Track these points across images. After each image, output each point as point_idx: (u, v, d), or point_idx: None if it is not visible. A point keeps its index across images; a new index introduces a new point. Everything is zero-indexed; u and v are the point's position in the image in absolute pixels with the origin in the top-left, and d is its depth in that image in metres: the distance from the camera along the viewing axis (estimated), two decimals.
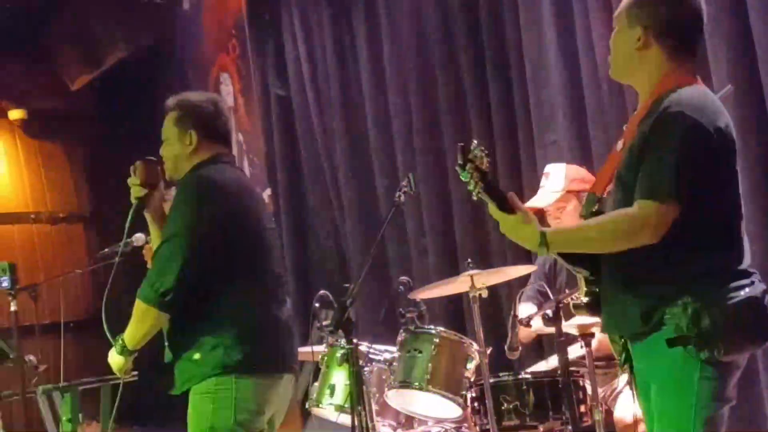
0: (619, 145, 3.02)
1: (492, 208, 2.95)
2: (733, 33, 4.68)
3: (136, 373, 3.87)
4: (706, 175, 2.85)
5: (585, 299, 3.04)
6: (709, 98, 2.96)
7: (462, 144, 2.91)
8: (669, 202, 2.80)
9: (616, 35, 3.07)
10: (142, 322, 3.65)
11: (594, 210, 3.04)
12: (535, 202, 4.82)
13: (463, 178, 2.91)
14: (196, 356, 3.62)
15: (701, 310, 2.79)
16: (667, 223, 2.81)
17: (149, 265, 3.79)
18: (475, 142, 2.94)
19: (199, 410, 3.63)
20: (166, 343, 3.73)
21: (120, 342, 3.72)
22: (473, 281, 4.53)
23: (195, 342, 3.64)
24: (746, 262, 2.90)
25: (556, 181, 4.80)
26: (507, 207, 2.93)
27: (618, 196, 2.96)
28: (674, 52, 3.00)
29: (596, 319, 3.26)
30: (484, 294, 4.58)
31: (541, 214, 4.78)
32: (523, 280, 4.95)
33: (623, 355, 3.06)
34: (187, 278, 3.58)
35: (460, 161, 2.89)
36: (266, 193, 7.63)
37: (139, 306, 3.63)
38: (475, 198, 2.95)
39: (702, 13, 3.06)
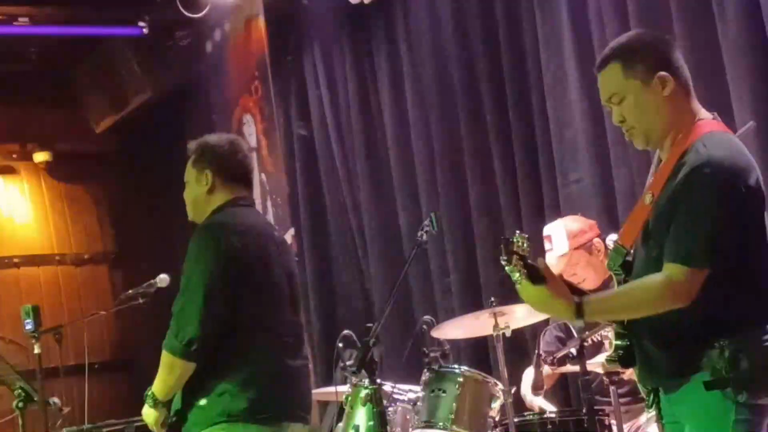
0: (648, 198, 2.99)
1: (522, 288, 2.91)
2: (754, 68, 4.68)
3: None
4: (738, 236, 2.83)
5: (618, 352, 3.01)
6: (739, 150, 2.92)
7: (505, 238, 2.89)
8: (700, 266, 2.79)
9: (633, 99, 2.98)
10: (171, 373, 3.67)
11: (623, 262, 3.03)
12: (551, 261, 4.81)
13: (507, 271, 2.89)
14: (203, 402, 3.65)
15: (738, 353, 2.78)
16: (698, 287, 2.80)
17: None
18: (518, 233, 2.91)
19: None
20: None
21: (151, 395, 3.73)
22: (496, 319, 4.52)
23: (203, 389, 3.66)
24: None
25: (560, 244, 4.80)
26: (540, 278, 2.90)
27: (650, 252, 2.94)
28: (685, 92, 2.99)
29: None
30: (508, 333, 4.57)
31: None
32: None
33: (651, 396, 3.04)
34: (209, 327, 3.60)
35: (504, 256, 2.87)
36: (290, 234, 7.63)
37: (165, 357, 3.65)
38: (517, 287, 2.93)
39: None
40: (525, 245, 2.88)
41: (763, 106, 4.63)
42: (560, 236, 4.82)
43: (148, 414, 3.77)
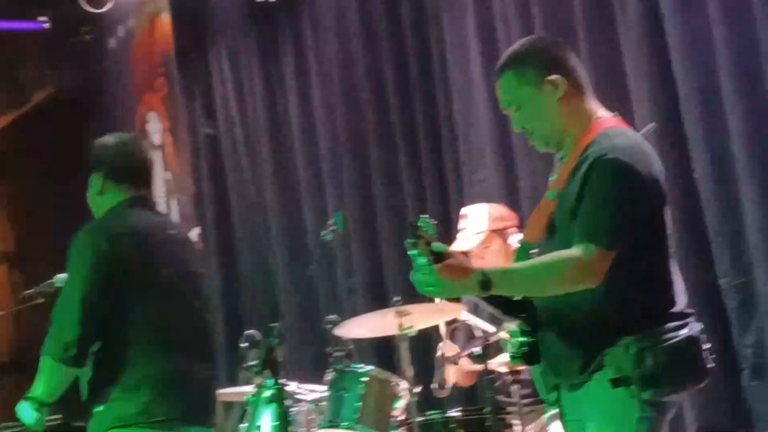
0: (551, 194, 3.02)
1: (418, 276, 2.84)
2: (655, 72, 4.76)
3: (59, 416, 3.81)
4: (642, 222, 2.88)
5: (522, 350, 3.00)
6: (641, 142, 2.99)
7: (410, 221, 2.87)
8: (606, 248, 2.82)
9: (528, 104, 3.02)
10: (51, 378, 3.61)
11: (528, 259, 3.04)
12: (458, 246, 4.82)
13: (412, 255, 2.85)
14: (99, 409, 3.60)
15: (643, 350, 2.81)
16: (605, 268, 2.82)
17: None
18: (423, 216, 2.89)
19: None
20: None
21: (34, 398, 3.65)
22: (401, 319, 4.52)
23: (99, 395, 3.62)
24: (682, 301, 2.93)
25: (479, 222, 4.81)
26: (441, 259, 2.84)
27: (554, 246, 2.96)
28: (580, 92, 3.04)
29: None
30: (413, 332, 4.57)
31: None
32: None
33: (553, 394, 3.06)
34: (87, 331, 3.55)
35: (411, 239, 2.84)
36: (195, 232, 7.56)
37: (44, 362, 3.59)
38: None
39: None
40: (431, 230, 2.88)
41: (663, 109, 4.72)
42: (480, 215, 4.84)
43: (28, 415, 3.69)
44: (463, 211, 4.99)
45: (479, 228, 4.80)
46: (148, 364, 3.62)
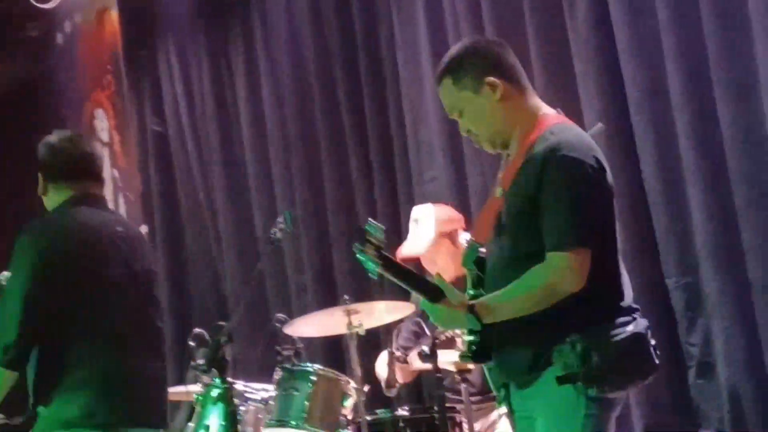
0: (498, 192, 3.03)
1: (424, 303, 2.95)
2: (604, 73, 4.79)
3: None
4: (598, 215, 2.90)
5: (471, 348, 2.99)
6: (586, 137, 3.01)
7: (358, 227, 2.90)
8: (578, 248, 2.84)
9: (469, 108, 3.05)
10: None
11: (476, 258, 3.05)
12: (408, 249, 4.83)
13: (361, 260, 2.89)
14: (43, 412, 3.56)
15: (589, 347, 2.83)
16: (584, 268, 2.84)
17: None
18: (371, 220, 2.92)
19: None
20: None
21: None
22: (350, 317, 4.51)
23: (43, 397, 3.57)
24: (629, 298, 2.95)
25: (427, 226, 4.82)
26: (432, 295, 2.93)
27: (502, 244, 2.98)
28: (520, 90, 3.05)
29: None
30: (362, 331, 4.56)
31: (416, 260, 4.80)
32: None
33: (502, 391, 3.07)
34: (27, 333, 3.50)
35: (359, 245, 2.86)
36: (143, 230, 7.51)
37: None
38: (374, 276, 2.95)
39: None
40: (380, 234, 2.89)
41: (612, 110, 4.75)
42: (429, 219, 4.84)
43: None
44: (413, 213, 4.99)
45: (428, 233, 4.81)
46: (93, 364, 3.57)
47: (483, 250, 3.04)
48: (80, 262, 3.63)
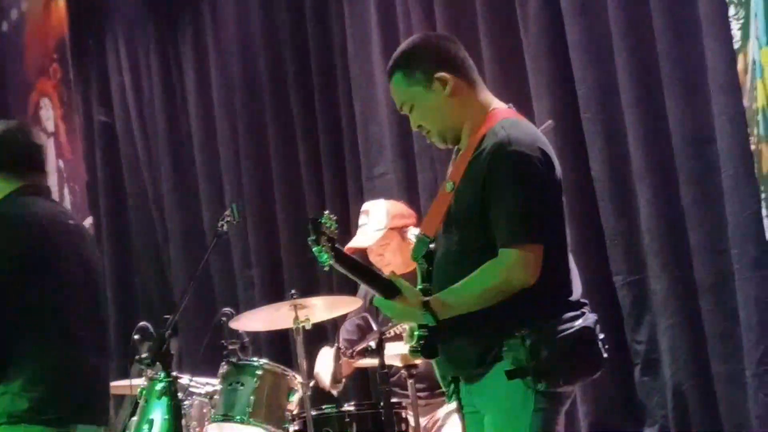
0: (448, 186, 3.02)
1: (378, 300, 2.95)
2: (554, 71, 4.81)
3: None
4: (547, 210, 2.90)
5: (420, 343, 2.96)
6: (536, 131, 3.01)
7: (312, 218, 2.88)
8: (529, 243, 2.84)
9: (420, 103, 3.03)
10: None
11: (426, 252, 3.03)
12: (358, 242, 4.81)
13: (315, 253, 2.87)
14: None
15: (538, 342, 2.82)
16: (536, 263, 2.85)
17: None
18: (326, 212, 2.91)
19: None
20: None
21: None
22: (297, 312, 4.49)
23: None
24: (578, 292, 2.96)
25: (378, 220, 4.80)
26: (387, 290, 2.92)
27: (452, 238, 2.97)
28: (470, 85, 3.04)
29: None
30: (308, 326, 4.54)
31: (363, 253, 4.79)
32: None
33: (451, 386, 3.07)
34: None
35: (313, 236, 2.84)
36: (87, 222, 7.42)
37: None
38: (326, 269, 2.94)
39: None
40: (333, 226, 2.88)
41: (561, 107, 4.77)
42: (380, 213, 4.82)
43: None
44: (364, 206, 4.97)
45: (378, 225, 4.79)
46: (42, 358, 3.52)
47: (432, 246, 3.03)
48: (34, 254, 3.57)
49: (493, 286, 2.87)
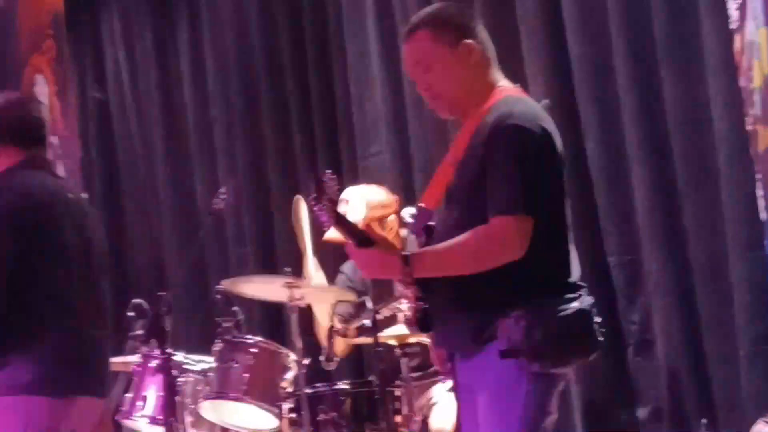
0: (449, 159, 3.01)
1: (350, 248, 2.92)
2: (550, 49, 4.80)
3: None
4: (544, 189, 2.88)
5: (417, 316, 2.93)
6: (539, 109, 3.00)
7: (315, 175, 2.86)
8: (522, 214, 2.81)
9: (440, 66, 3.00)
10: None
11: (426, 225, 3.01)
12: (335, 233, 4.76)
13: (315, 211, 2.86)
14: None
15: (534, 322, 2.81)
16: (526, 235, 2.81)
17: None
18: (328, 172, 2.89)
19: None
20: None
21: None
22: (292, 291, 4.48)
23: None
24: (575, 274, 2.95)
25: (357, 210, 4.77)
26: (365, 241, 2.90)
27: (451, 212, 2.96)
28: (488, 62, 3.04)
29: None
30: (303, 303, 4.53)
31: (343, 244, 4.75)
32: None
33: (447, 363, 3.06)
34: None
35: (315, 194, 2.83)
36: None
37: None
38: (326, 229, 2.92)
39: None
40: (335, 187, 2.87)
41: (557, 85, 4.76)
42: (358, 202, 4.80)
43: None
44: (344, 194, 4.91)
45: (357, 215, 4.75)
46: (48, 331, 3.52)
47: (432, 223, 3.01)
48: (36, 227, 3.56)
49: (478, 252, 2.84)
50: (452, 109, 3.05)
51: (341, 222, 2.93)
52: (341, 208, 4.75)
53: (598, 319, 2.93)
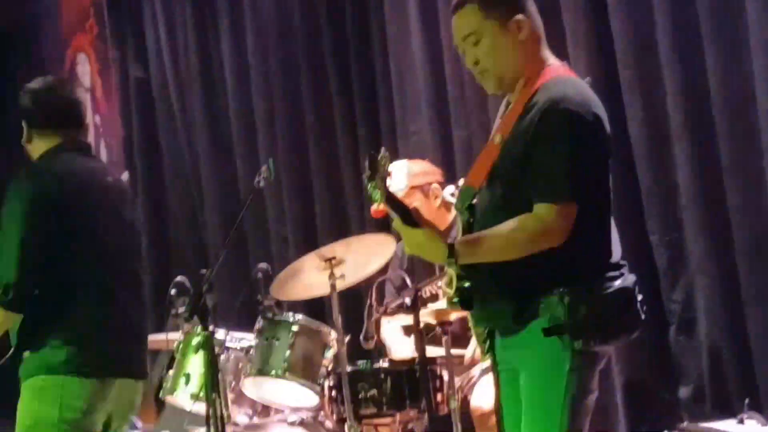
0: (497, 138, 2.99)
1: (397, 222, 2.92)
2: (593, 27, 4.76)
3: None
4: (591, 172, 2.87)
5: (459, 294, 2.92)
6: (587, 90, 2.98)
7: (371, 153, 2.86)
8: (568, 202, 2.81)
9: (489, 40, 2.98)
10: None
11: (470, 203, 3.01)
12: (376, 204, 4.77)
13: (370, 190, 2.86)
14: (26, 355, 3.56)
15: (577, 300, 2.80)
16: (569, 223, 2.81)
17: None
18: (383, 149, 2.89)
19: (26, 407, 3.57)
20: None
21: None
22: (332, 268, 4.49)
23: (28, 342, 3.57)
24: (617, 254, 2.94)
25: (399, 180, 4.79)
26: (411, 221, 2.90)
27: (495, 191, 2.95)
28: (538, 38, 3.02)
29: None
30: (344, 282, 4.54)
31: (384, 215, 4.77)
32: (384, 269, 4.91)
33: (487, 343, 3.06)
34: (27, 274, 3.48)
35: (368, 172, 2.83)
36: (124, 177, 7.46)
37: None
38: (376, 207, 2.92)
39: None
40: (388, 165, 2.88)
41: (600, 63, 4.73)
42: (400, 173, 4.82)
43: None
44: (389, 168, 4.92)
45: (399, 185, 4.76)
46: (82, 313, 3.57)
47: (476, 199, 3.01)
48: (74, 210, 3.60)
49: (521, 239, 2.84)
50: (499, 85, 3.03)
51: (391, 200, 2.94)
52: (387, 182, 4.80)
53: (640, 298, 2.92)
